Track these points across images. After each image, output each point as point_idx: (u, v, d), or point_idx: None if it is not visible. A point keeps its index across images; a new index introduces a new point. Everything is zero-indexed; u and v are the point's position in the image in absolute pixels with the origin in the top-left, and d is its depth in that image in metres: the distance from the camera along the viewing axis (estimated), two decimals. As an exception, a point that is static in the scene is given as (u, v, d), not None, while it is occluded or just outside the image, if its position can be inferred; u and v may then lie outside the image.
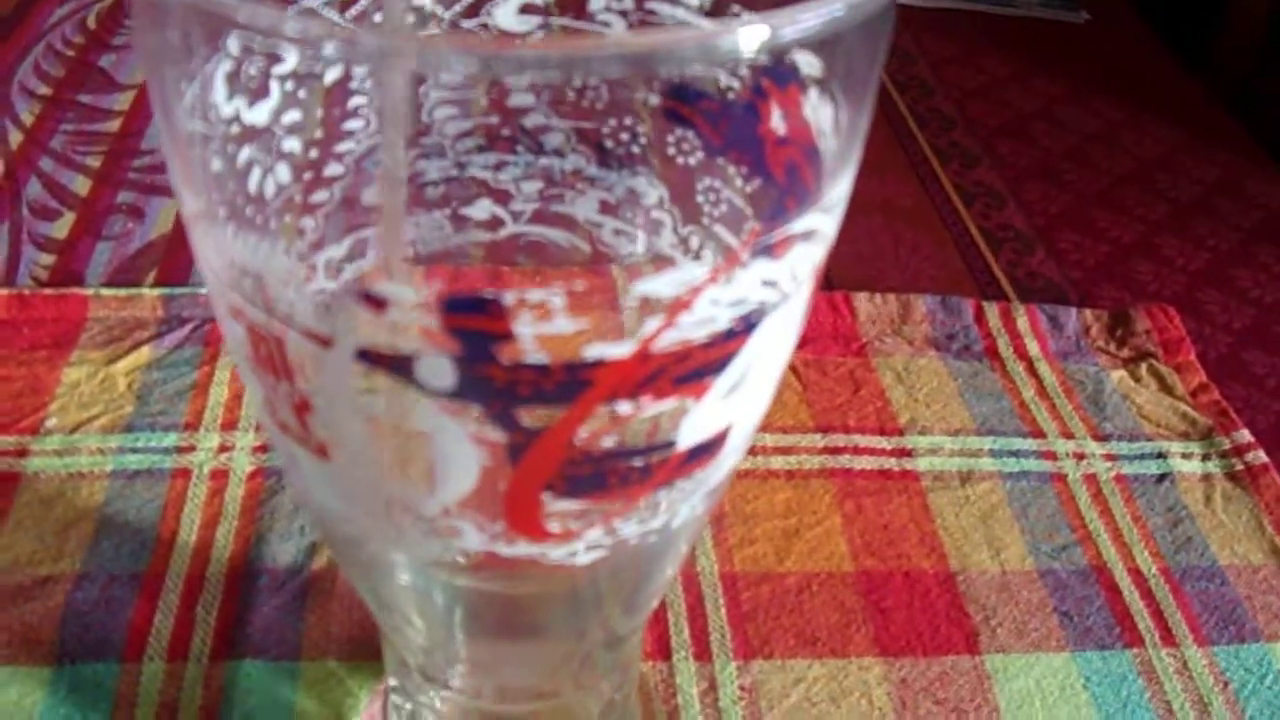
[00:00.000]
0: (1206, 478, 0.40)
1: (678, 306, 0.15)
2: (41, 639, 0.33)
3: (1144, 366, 0.44)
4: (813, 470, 0.39)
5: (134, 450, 0.38)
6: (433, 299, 0.14)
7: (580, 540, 0.18)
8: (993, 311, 0.45)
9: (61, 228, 0.45)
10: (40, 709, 0.31)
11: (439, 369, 0.15)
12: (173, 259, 0.44)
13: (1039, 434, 0.41)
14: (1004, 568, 0.37)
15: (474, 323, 0.14)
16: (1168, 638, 0.36)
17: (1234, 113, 0.59)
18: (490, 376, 0.15)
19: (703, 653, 0.34)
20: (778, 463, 0.39)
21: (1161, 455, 0.41)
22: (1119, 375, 0.44)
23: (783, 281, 0.16)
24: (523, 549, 0.18)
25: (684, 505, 0.19)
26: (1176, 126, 0.58)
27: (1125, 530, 0.38)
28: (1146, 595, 0.37)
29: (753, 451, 0.39)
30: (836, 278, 0.46)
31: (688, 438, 0.17)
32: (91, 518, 0.36)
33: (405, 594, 0.21)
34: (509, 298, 0.14)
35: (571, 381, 0.15)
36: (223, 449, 0.38)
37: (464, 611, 0.22)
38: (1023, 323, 0.45)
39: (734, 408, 0.17)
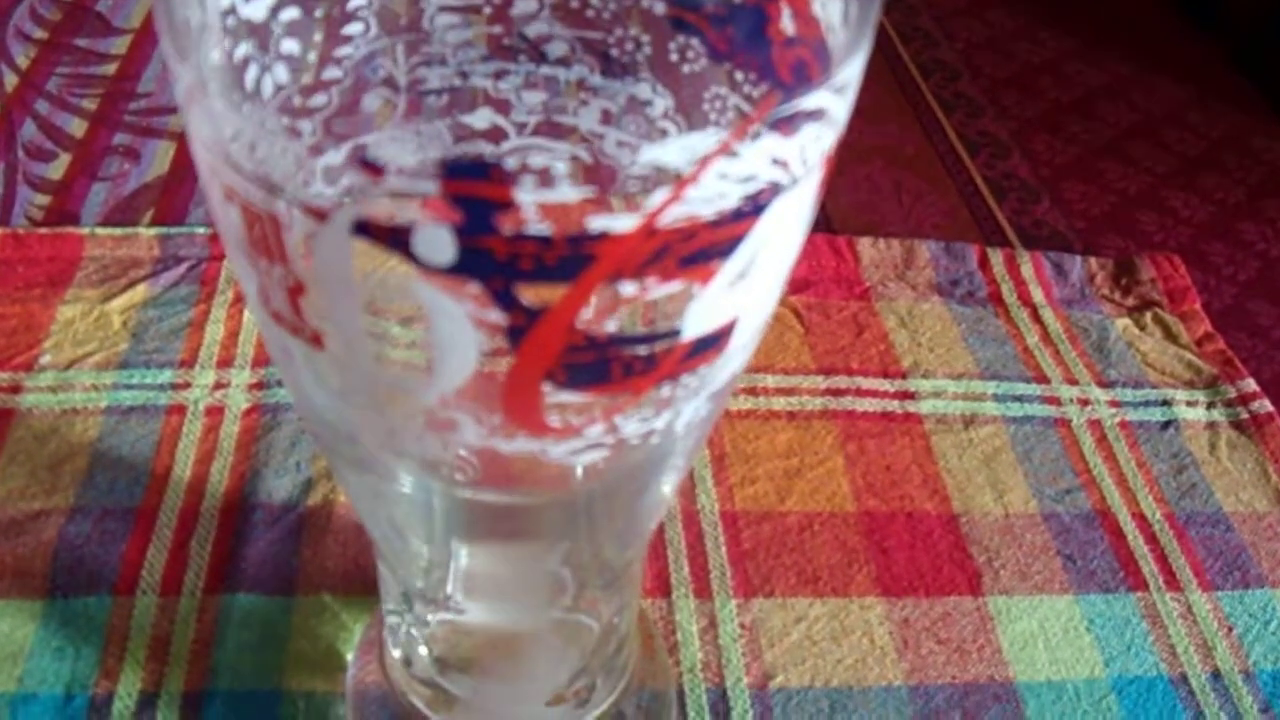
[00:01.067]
0: (1211, 425, 0.40)
1: (685, 180, 0.14)
2: (34, 572, 0.32)
3: (1149, 315, 0.43)
4: (815, 411, 0.38)
5: (129, 386, 0.37)
6: (432, 163, 0.14)
7: (581, 437, 0.17)
8: (997, 258, 0.44)
9: (57, 169, 0.45)
10: (32, 641, 0.31)
11: (438, 241, 0.14)
12: (169, 199, 0.44)
13: (1043, 379, 0.41)
14: (1007, 510, 0.37)
15: (474, 189, 0.14)
16: (1172, 582, 0.35)
17: (1242, 70, 0.58)
18: (490, 249, 0.14)
19: (702, 590, 0.33)
20: (779, 403, 0.39)
21: (1166, 403, 0.40)
22: (1124, 323, 0.43)
23: (793, 163, 0.16)
24: (522, 445, 0.17)
25: (687, 406, 0.18)
26: (1184, 82, 0.57)
27: (1129, 476, 0.38)
28: (1151, 540, 0.36)
29: (754, 392, 0.39)
30: (839, 223, 0.45)
31: (693, 327, 0.16)
32: (85, 453, 0.35)
33: (404, 506, 0.21)
34: (511, 162, 0.13)
35: (574, 256, 0.14)
36: (218, 386, 0.37)
37: (463, 526, 0.22)
38: (1027, 269, 0.44)
39: (740, 298, 0.17)
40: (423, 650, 0.26)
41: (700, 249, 0.15)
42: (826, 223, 0.45)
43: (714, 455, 0.37)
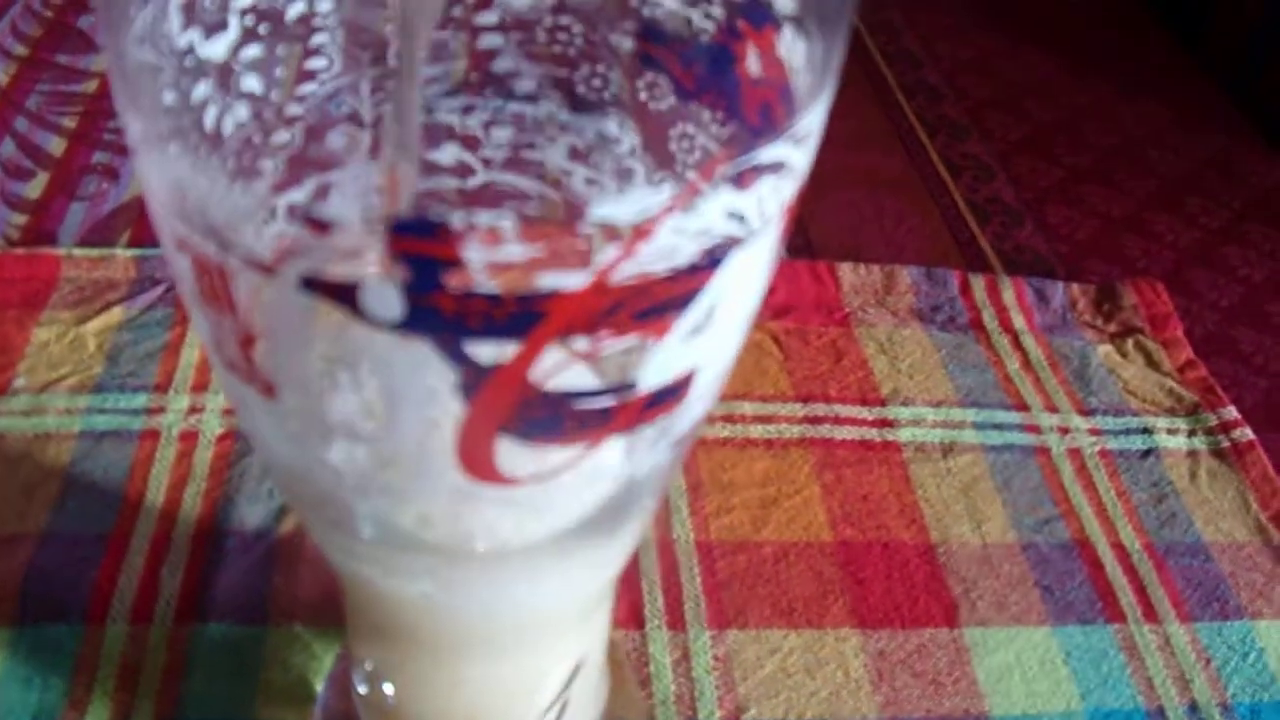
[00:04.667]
0: (1192, 454, 0.40)
1: (637, 235, 0.14)
2: (3, 599, 0.32)
3: (1130, 342, 0.43)
4: (792, 439, 0.38)
5: (102, 411, 0.37)
6: (379, 222, 0.13)
7: (541, 485, 0.17)
8: (978, 284, 0.44)
9: (35, 188, 0.44)
10: (0, 670, 0.31)
11: (385, 298, 0.14)
12: (147, 220, 0.44)
13: (1023, 407, 0.41)
14: (985, 540, 0.36)
15: (421, 246, 0.13)
16: (1150, 614, 0.35)
17: (1226, 92, 0.59)
18: (439, 306, 0.14)
19: (676, 621, 0.33)
20: (756, 431, 0.38)
21: (1147, 430, 0.40)
22: (1105, 350, 0.43)
23: (750, 216, 0.15)
24: (481, 490, 0.17)
25: (648, 455, 0.18)
26: (1167, 104, 0.57)
27: (1109, 505, 0.38)
28: (1129, 571, 0.36)
29: (731, 419, 0.39)
30: (819, 247, 0.45)
31: (650, 380, 0.16)
32: (58, 478, 0.35)
33: (367, 552, 0.21)
34: (457, 220, 0.13)
35: (524, 313, 0.14)
36: (192, 410, 0.37)
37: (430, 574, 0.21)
38: (1008, 296, 0.44)
39: (698, 351, 0.17)
40: (388, 688, 0.25)
41: (654, 304, 0.15)
42: (808, 247, 0.45)
43: (690, 484, 0.37)
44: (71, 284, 0.41)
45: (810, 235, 0.45)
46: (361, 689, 0.26)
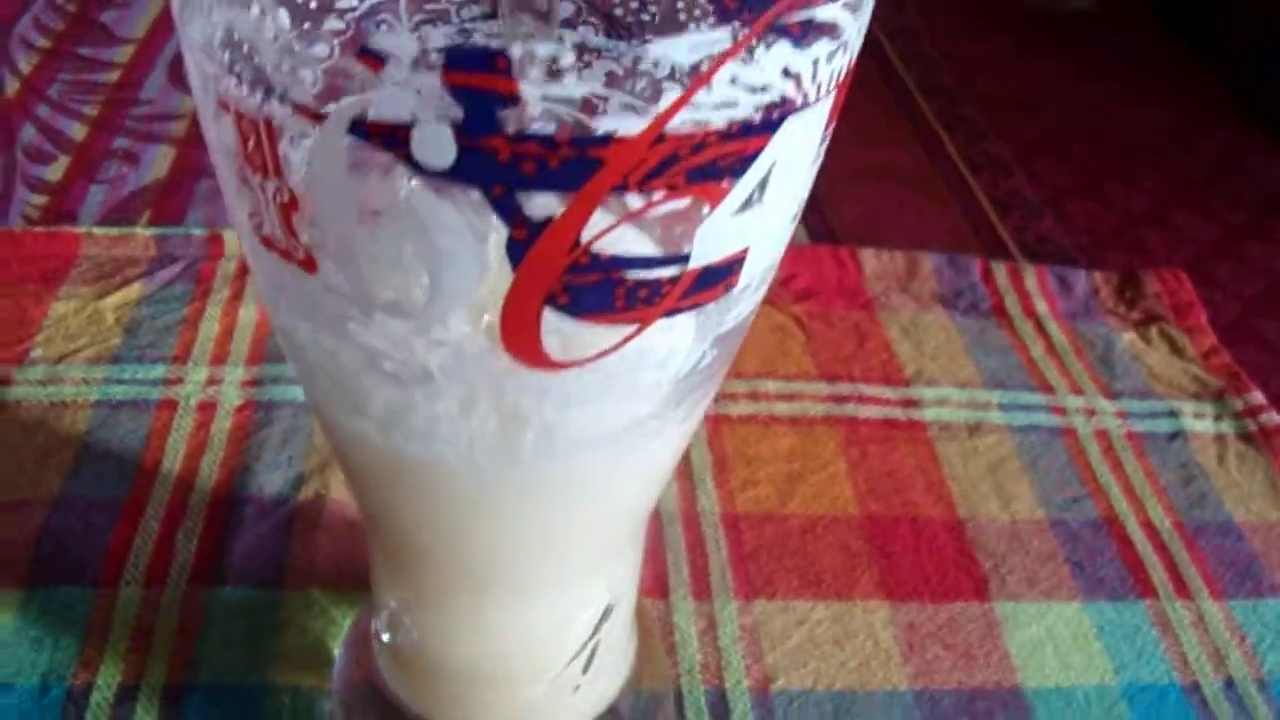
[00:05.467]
0: (1219, 438, 0.39)
1: (696, 80, 0.14)
2: (14, 561, 0.31)
3: (1154, 329, 0.43)
4: (817, 417, 0.38)
5: (120, 381, 0.37)
6: (435, 52, 0.13)
7: (584, 370, 0.17)
8: (1000, 270, 0.44)
9: (56, 171, 0.45)
10: (7, 632, 0.30)
11: (437, 140, 0.14)
12: (167, 202, 0.44)
13: (1048, 390, 0.40)
14: (1014, 517, 0.36)
15: (478, 80, 0.13)
16: (1182, 590, 0.34)
17: (1238, 96, 0.59)
18: (492, 150, 0.14)
19: (702, 591, 0.33)
20: (781, 409, 0.38)
21: (1173, 414, 0.40)
22: (1129, 337, 0.43)
23: (805, 79, 0.15)
24: (522, 381, 0.17)
25: (693, 350, 0.18)
26: (1178, 106, 0.58)
27: (1137, 485, 0.37)
28: (1160, 548, 0.35)
29: (755, 397, 0.38)
30: (842, 238, 0.45)
31: (703, 252, 0.16)
32: (73, 445, 0.35)
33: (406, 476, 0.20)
34: (516, 50, 0.13)
35: (579, 160, 0.14)
36: (211, 382, 0.37)
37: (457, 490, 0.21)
38: (1031, 282, 0.44)
39: (749, 228, 0.16)
40: (413, 633, 0.25)
41: (710, 161, 0.15)
42: (830, 235, 0.44)
43: (715, 458, 0.36)
44: (91, 261, 0.41)
45: (832, 224, 0.44)
46: (385, 635, 0.26)
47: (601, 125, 0.14)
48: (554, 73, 0.14)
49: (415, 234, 0.15)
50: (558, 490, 0.20)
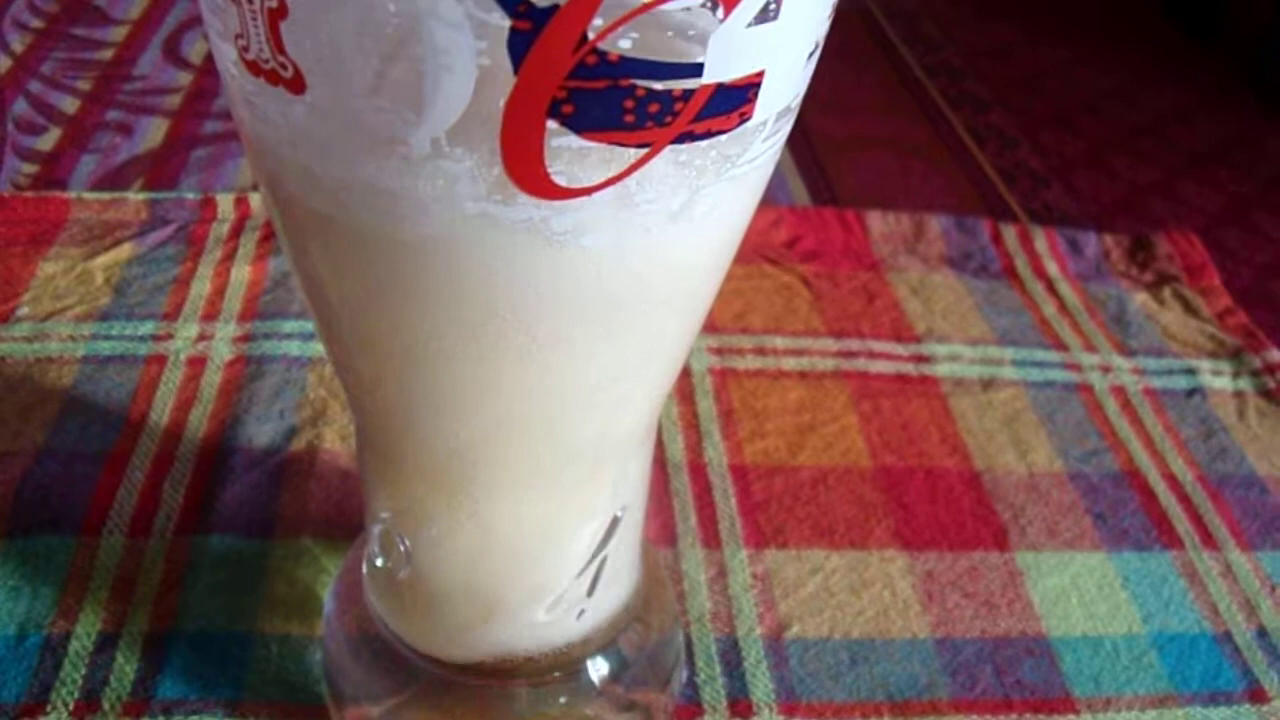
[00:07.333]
0: (1238, 394, 0.38)
1: None
2: (-7, 511, 0.30)
3: (1167, 290, 0.42)
4: (826, 372, 0.37)
5: (107, 337, 0.35)
6: None
7: (589, 203, 0.16)
8: (1010, 233, 0.43)
9: (47, 141, 0.44)
10: (-13, 581, 0.29)
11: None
12: (159, 170, 0.43)
13: (1062, 347, 0.39)
14: (1031, 469, 0.35)
15: None
16: (1209, 541, 0.33)
17: (1247, 85, 0.58)
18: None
19: (711, 539, 0.31)
20: (789, 364, 0.37)
21: (1191, 371, 0.39)
22: (1141, 298, 0.42)
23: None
24: (522, 211, 0.16)
25: (704, 189, 0.17)
26: (1184, 87, 0.57)
27: (1157, 439, 0.36)
28: (1183, 500, 0.34)
29: (762, 352, 0.37)
30: (845, 204, 0.44)
31: (716, 67, 0.15)
32: (58, 399, 0.33)
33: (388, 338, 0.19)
34: None
35: (588, -64, 0.13)
36: (202, 338, 0.36)
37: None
38: (1041, 244, 0.43)
39: (764, 45, 0.15)
40: (406, 549, 0.23)
41: (725, -50, 0.14)
42: (834, 203, 0.44)
43: (721, 410, 0.35)
44: (80, 224, 0.40)
45: (836, 191, 0.44)
46: (378, 560, 0.24)
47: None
48: None
49: (409, 41, 0.14)
50: (563, 369, 0.19)
